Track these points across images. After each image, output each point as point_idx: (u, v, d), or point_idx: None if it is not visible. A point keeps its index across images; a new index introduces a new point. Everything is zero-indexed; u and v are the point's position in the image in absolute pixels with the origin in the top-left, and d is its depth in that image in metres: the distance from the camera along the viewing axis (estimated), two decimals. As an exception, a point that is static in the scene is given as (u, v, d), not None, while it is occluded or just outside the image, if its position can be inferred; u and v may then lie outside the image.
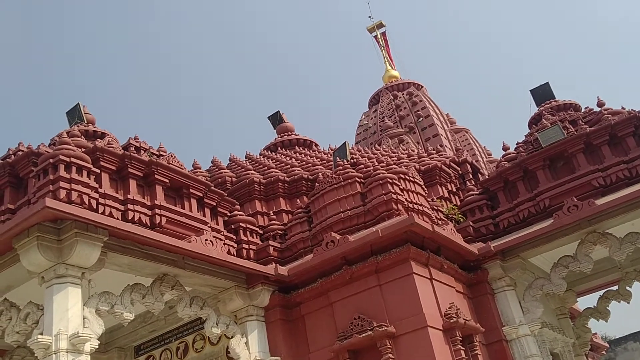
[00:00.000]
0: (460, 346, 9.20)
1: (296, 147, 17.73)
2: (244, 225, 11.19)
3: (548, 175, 11.65)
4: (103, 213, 8.50)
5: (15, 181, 9.11)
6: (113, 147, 9.50)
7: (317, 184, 11.64)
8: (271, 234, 11.52)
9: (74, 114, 10.98)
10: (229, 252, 10.30)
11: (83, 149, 8.94)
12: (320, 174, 12.45)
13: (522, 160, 11.93)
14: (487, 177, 13.45)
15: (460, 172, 14.59)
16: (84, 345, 7.25)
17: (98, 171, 8.86)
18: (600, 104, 12.60)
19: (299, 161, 14.99)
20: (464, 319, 9.46)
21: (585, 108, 13.02)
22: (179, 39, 72.41)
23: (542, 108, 13.81)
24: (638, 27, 65.78)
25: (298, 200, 12.60)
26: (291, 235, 11.38)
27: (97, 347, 7.51)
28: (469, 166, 14.87)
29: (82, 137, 10.06)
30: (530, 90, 14.29)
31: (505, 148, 13.51)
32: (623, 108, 12.09)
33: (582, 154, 11.44)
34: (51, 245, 7.49)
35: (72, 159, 8.40)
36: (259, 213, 12.37)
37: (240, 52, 73.64)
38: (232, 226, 11.08)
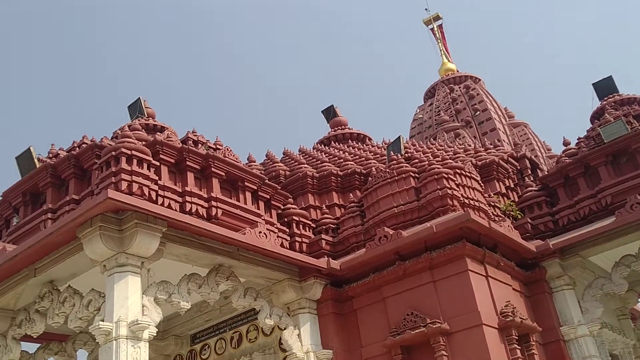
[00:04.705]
0: (516, 345, 9.02)
1: (349, 141, 17.67)
2: (297, 219, 11.28)
3: (610, 172, 11.26)
4: (162, 204, 8.73)
5: (79, 172, 9.45)
6: (172, 141, 9.73)
7: (370, 178, 11.60)
8: (324, 227, 11.57)
9: (135, 108, 11.30)
10: (282, 245, 10.41)
11: (144, 142, 9.20)
12: (373, 168, 12.40)
13: (583, 156, 11.57)
14: (546, 172, 13.11)
15: (518, 167, 14.27)
16: (143, 333, 7.48)
17: (158, 164, 9.09)
18: (668, 98, 12.09)
19: (352, 155, 14.96)
20: (520, 318, 9.27)
21: (651, 102, 12.53)
22: (234, 32, 73.33)
23: (604, 102, 13.36)
24: None
25: (351, 194, 12.60)
26: (344, 229, 11.39)
27: (155, 334, 7.74)
28: (527, 162, 14.52)
29: (143, 130, 10.35)
30: (593, 84, 13.85)
31: (565, 143, 13.12)
32: (693, 102, 11.56)
33: (647, 150, 11.01)
34: (113, 234, 7.75)
35: (133, 152, 8.65)
36: (311, 207, 12.43)
37: (295, 45, 74.01)
38: (285, 219, 11.19)
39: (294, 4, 72.04)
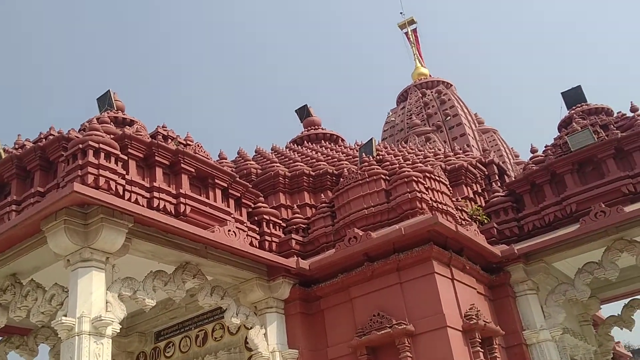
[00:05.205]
0: (479, 348, 9.14)
1: (322, 141, 17.69)
2: (267, 218, 11.24)
3: (576, 180, 11.47)
4: (129, 200, 8.60)
5: (45, 165, 9.27)
6: (141, 135, 9.60)
7: (342, 179, 11.64)
8: (294, 227, 11.56)
9: (105, 101, 11.11)
10: (251, 244, 10.36)
11: (112, 136, 9.05)
12: (345, 169, 12.44)
13: (550, 164, 11.76)
14: (513, 179, 13.29)
15: (486, 173, 14.46)
16: (106, 329, 7.37)
17: (126, 158, 8.96)
18: (633, 109, 12.34)
19: (324, 156, 14.98)
20: (484, 321, 9.39)
21: (618, 113, 12.77)
22: (209, 28, 72.87)
23: (572, 111, 13.58)
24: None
25: (322, 194, 12.61)
26: (314, 229, 11.40)
27: (118, 331, 7.64)
28: (495, 167, 14.72)
29: (112, 123, 10.19)
30: (562, 93, 14.04)
31: (533, 150, 13.32)
32: (657, 114, 11.83)
33: (612, 160, 11.24)
34: (78, 229, 7.62)
35: (101, 145, 8.51)
36: (282, 206, 12.41)
37: (269, 45, 73.86)
38: (256, 218, 11.14)
39: (269, 3, 71.84)
